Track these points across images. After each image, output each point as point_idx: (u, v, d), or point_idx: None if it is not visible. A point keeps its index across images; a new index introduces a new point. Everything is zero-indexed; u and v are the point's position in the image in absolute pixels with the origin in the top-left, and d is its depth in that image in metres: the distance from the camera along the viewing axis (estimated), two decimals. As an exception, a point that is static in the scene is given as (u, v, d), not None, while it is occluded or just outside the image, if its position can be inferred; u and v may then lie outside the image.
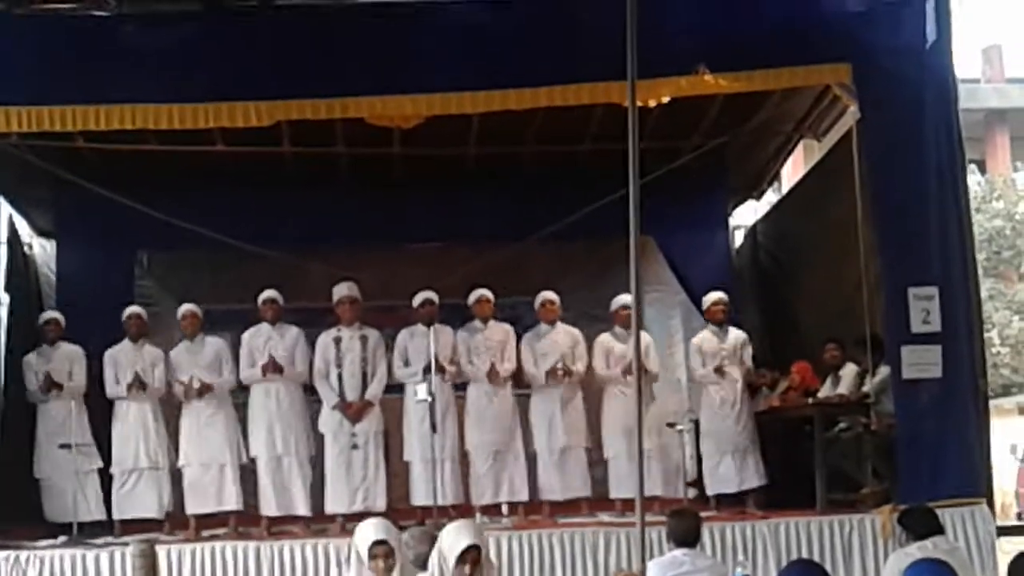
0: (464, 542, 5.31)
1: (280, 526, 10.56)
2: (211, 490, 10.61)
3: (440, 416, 10.24)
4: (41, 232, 13.70)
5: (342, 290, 10.90)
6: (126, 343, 11.08)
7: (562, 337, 11.12)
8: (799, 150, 14.17)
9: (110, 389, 10.96)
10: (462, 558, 5.28)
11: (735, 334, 11.27)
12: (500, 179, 13.17)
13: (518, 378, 11.21)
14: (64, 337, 11.25)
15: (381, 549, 5.79)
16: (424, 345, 10.45)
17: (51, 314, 11.54)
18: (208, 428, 10.73)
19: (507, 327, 11.20)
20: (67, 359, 11.12)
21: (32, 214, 13.43)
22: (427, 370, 10.24)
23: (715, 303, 11.31)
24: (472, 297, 11.15)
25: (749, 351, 11.25)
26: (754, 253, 14.62)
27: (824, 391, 11.38)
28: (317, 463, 10.75)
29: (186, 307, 11.10)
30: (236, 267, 12.90)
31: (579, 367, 11.05)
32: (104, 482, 10.88)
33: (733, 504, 10.86)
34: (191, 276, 13.44)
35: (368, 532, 5.89)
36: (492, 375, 10.84)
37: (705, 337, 11.30)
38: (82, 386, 11.05)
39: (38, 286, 13.37)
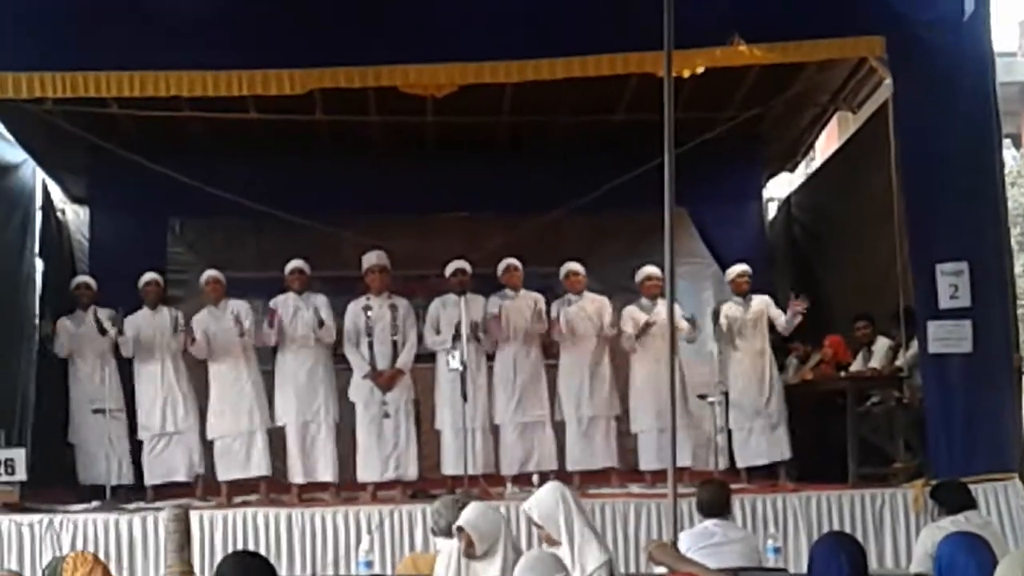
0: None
1: (311, 493, 10.63)
2: (240, 456, 10.69)
3: (471, 385, 10.27)
4: (74, 198, 13.77)
5: (371, 259, 10.92)
6: (144, 309, 11.15)
7: (589, 305, 11.12)
8: (833, 122, 14.08)
9: (124, 350, 11.03)
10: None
11: (757, 301, 11.25)
12: (533, 149, 13.17)
13: (547, 348, 11.23)
14: (97, 301, 11.31)
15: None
16: (456, 314, 10.48)
17: (82, 278, 11.60)
18: (236, 395, 10.81)
19: (536, 295, 11.20)
20: (105, 320, 11.19)
21: (65, 180, 13.47)
22: (458, 339, 10.26)
23: (739, 275, 11.35)
24: (501, 266, 11.18)
25: (773, 311, 11.19)
26: (788, 226, 14.55)
27: (856, 366, 11.35)
28: (347, 431, 10.78)
29: (209, 273, 11.16)
30: (268, 234, 12.94)
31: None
32: (135, 447, 10.98)
33: (764, 477, 10.87)
34: (223, 243, 13.53)
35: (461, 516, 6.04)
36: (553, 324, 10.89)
37: (729, 307, 11.32)
38: (109, 344, 11.11)
39: (71, 252, 13.45)
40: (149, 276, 11.31)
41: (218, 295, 11.03)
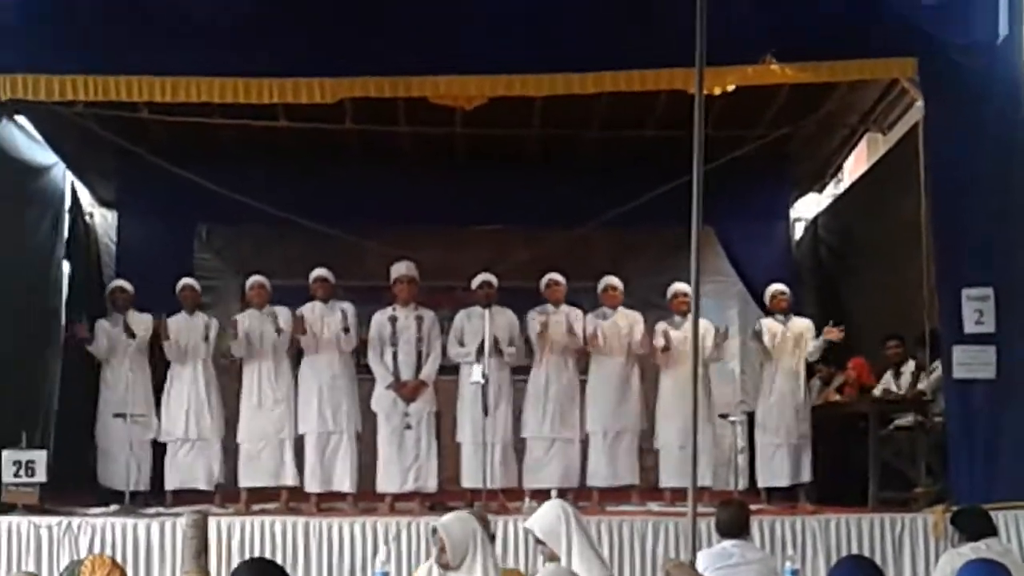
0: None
1: (329, 503, 10.62)
2: (269, 464, 10.69)
3: (493, 399, 10.25)
4: (102, 202, 13.84)
5: (400, 269, 10.90)
6: (182, 314, 11.16)
7: (623, 321, 11.10)
8: (862, 143, 14.02)
9: (168, 353, 11.08)
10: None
11: (798, 322, 11.18)
12: (562, 163, 13.16)
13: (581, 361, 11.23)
14: (134, 304, 11.35)
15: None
16: (481, 327, 10.47)
17: (118, 282, 11.59)
18: (269, 401, 10.81)
19: (578, 311, 11.18)
20: (135, 323, 11.21)
21: (94, 184, 13.54)
22: (481, 351, 10.24)
23: (778, 293, 11.28)
24: (544, 281, 11.15)
25: (811, 339, 11.12)
26: (814, 246, 14.48)
27: (883, 386, 11.27)
28: (369, 441, 10.77)
29: (255, 278, 11.14)
30: (294, 243, 12.95)
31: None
32: (157, 452, 11.00)
33: (784, 498, 10.81)
34: (249, 250, 13.54)
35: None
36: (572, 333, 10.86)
37: (769, 323, 11.25)
38: (144, 346, 11.16)
39: (98, 256, 13.51)
40: (185, 281, 11.36)
41: (262, 300, 11.04)
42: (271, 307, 11.02)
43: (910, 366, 11.21)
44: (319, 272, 10.97)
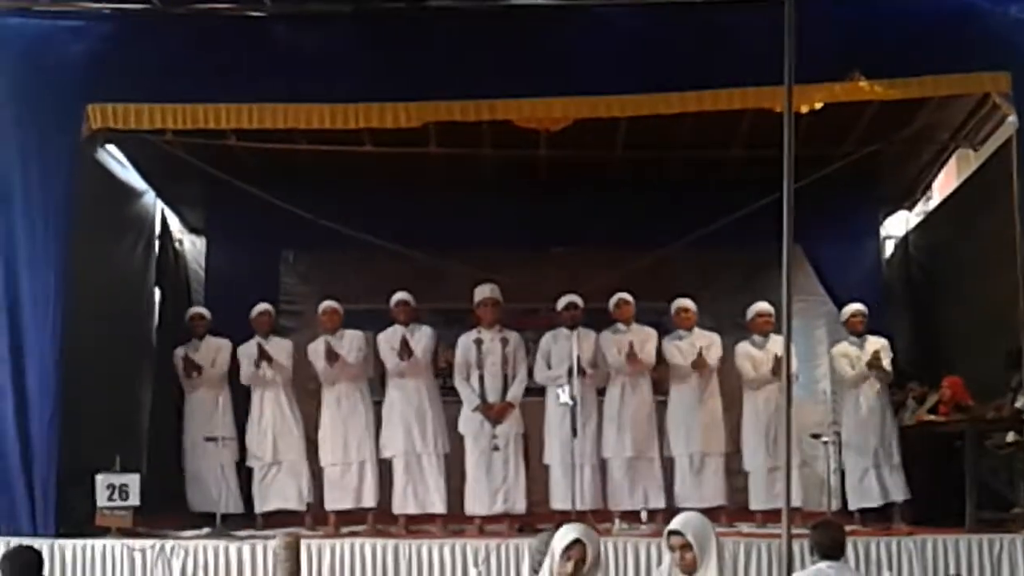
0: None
1: (418, 525, 10.62)
2: (351, 486, 10.74)
3: (581, 420, 10.18)
4: (191, 229, 13.98)
5: (484, 291, 10.93)
6: (256, 338, 11.27)
7: (701, 341, 11.05)
8: (952, 159, 13.81)
9: (243, 376, 11.20)
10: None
11: (873, 342, 11.06)
12: (646, 183, 13.07)
13: (656, 383, 11.17)
14: (212, 331, 11.47)
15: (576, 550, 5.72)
16: (567, 348, 10.45)
17: (197, 309, 11.80)
18: (348, 424, 10.87)
19: (650, 329, 11.16)
20: (213, 349, 11.38)
21: (183, 211, 13.71)
22: (570, 373, 10.20)
23: (854, 314, 11.23)
24: (613, 301, 11.14)
25: (889, 356, 11.00)
26: (905, 264, 14.27)
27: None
28: (457, 464, 10.76)
29: (326, 303, 11.23)
30: (379, 267, 12.99)
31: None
32: (244, 474, 11.08)
33: (878, 519, 10.66)
34: (334, 275, 13.60)
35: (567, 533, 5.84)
36: (631, 358, 10.80)
37: (844, 348, 11.15)
38: (223, 373, 11.29)
39: (187, 282, 13.67)
40: (262, 306, 11.45)
41: (335, 324, 11.10)
42: (343, 331, 11.08)
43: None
44: (400, 296, 11.04)
